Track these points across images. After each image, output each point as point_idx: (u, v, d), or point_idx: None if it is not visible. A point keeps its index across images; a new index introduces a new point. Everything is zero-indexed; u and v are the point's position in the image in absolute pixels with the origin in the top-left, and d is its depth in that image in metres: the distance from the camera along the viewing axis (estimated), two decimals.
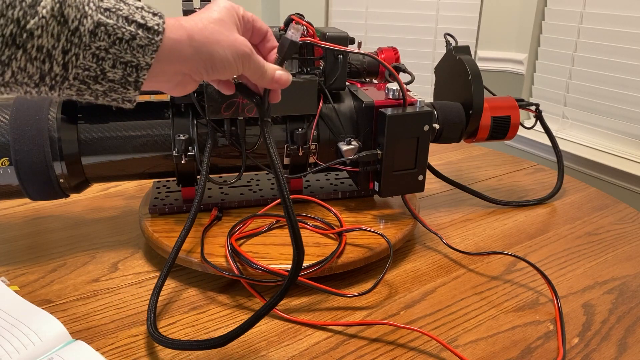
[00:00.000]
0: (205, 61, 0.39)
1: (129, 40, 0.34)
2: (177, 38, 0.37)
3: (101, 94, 0.36)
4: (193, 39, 0.38)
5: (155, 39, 0.35)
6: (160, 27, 0.36)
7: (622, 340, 0.49)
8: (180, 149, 0.58)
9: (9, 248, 0.63)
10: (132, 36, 0.34)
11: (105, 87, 0.35)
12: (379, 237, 0.59)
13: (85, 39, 0.33)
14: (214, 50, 0.39)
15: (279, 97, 0.46)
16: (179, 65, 0.38)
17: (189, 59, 0.38)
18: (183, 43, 0.37)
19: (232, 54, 0.40)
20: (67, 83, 0.34)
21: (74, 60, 0.33)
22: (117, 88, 0.36)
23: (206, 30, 0.38)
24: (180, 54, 0.37)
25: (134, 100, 0.38)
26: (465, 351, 0.47)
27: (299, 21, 0.50)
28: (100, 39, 0.33)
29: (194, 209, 0.55)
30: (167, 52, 0.37)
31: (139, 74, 0.36)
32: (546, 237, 0.68)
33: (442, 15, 1.79)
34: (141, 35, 0.35)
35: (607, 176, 1.46)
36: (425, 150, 0.62)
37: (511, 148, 1.73)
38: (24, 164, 0.54)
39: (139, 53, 0.35)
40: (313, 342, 0.48)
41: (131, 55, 0.35)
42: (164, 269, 0.52)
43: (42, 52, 0.32)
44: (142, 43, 0.35)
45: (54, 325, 0.46)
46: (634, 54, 1.39)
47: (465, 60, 0.69)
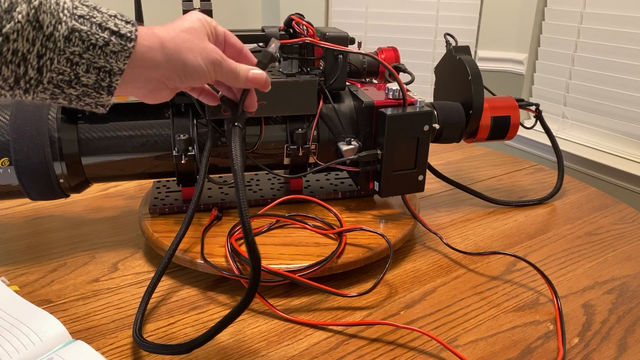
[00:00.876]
0: (177, 68, 0.40)
1: (102, 46, 0.36)
2: (149, 45, 0.38)
3: (75, 98, 0.37)
4: (165, 46, 0.39)
5: (127, 46, 0.37)
6: (132, 35, 0.37)
7: (622, 340, 0.49)
8: (180, 149, 0.58)
9: (9, 248, 0.63)
10: (106, 42, 0.36)
11: (79, 92, 0.37)
12: (379, 237, 0.59)
13: (59, 44, 0.34)
14: (185, 57, 0.40)
15: (254, 104, 0.48)
16: (151, 72, 0.39)
17: (161, 66, 0.39)
18: (155, 50, 0.38)
19: (203, 61, 0.41)
20: (41, 87, 0.35)
21: (49, 64, 0.34)
22: (90, 92, 0.37)
23: (178, 38, 0.40)
24: (152, 61, 0.39)
25: (107, 105, 0.39)
26: (465, 351, 0.47)
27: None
28: (74, 44, 0.35)
29: (191, 209, 0.55)
30: (139, 59, 0.38)
31: (112, 79, 0.37)
32: (546, 237, 0.68)
33: (442, 15, 1.79)
34: (114, 42, 0.36)
35: (607, 176, 1.46)
36: (425, 150, 0.62)
37: (511, 148, 1.73)
38: (24, 164, 0.54)
39: (112, 59, 0.36)
40: (313, 342, 0.48)
41: (104, 61, 0.36)
42: (158, 268, 0.52)
43: (17, 55, 0.33)
44: (115, 49, 0.36)
45: (54, 325, 0.46)
46: (634, 54, 1.39)
47: (465, 60, 0.69)
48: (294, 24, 0.61)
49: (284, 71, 0.62)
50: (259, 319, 0.51)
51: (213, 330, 0.41)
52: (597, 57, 1.48)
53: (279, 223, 0.63)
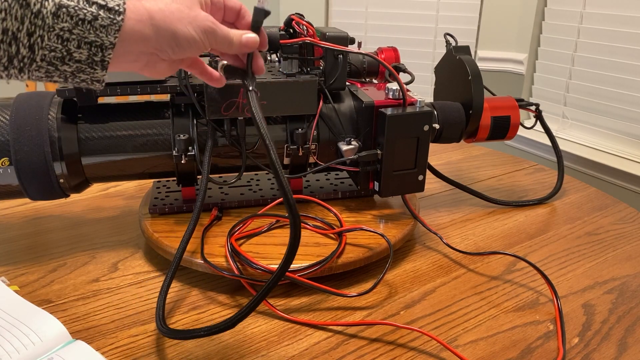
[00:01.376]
0: (168, 39, 0.40)
1: (91, 21, 0.36)
2: (138, 18, 0.38)
3: (70, 74, 0.38)
4: (153, 18, 0.39)
5: (116, 19, 0.37)
6: (120, 8, 0.37)
7: (622, 340, 0.49)
8: (180, 149, 0.58)
9: (9, 248, 0.63)
10: (94, 17, 0.36)
11: (73, 68, 0.37)
12: (379, 237, 0.59)
13: (48, 21, 0.34)
14: (176, 28, 0.40)
15: (262, 66, 0.47)
16: (142, 45, 0.39)
17: (152, 38, 0.39)
18: (144, 23, 0.39)
19: (194, 30, 0.41)
20: (35, 65, 0.36)
21: (40, 41, 0.35)
22: (84, 68, 0.37)
23: (166, 9, 0.40)
24: (142, 34, 0.39)
25: (103, 80, 0.39)
26: (465, 351, 0.47)
27: None
28: (62, 20, 0.35)
29: (197, 210, 0.55)
30: (129, 32, 0.38)
31: (104, 54, 0.37)
32: (546, 237, 0.68)
33: (442, 15, 1.79)
34: (102, 16, 0.36)
35: (607, 176, 1.46)
36: (425, 150, 0.62)
37: (511, 148, 1.73)
38: (24, 164, 0.54)
39: (102, 33, 0.37)
40: (313, 342, 0.48)
41: (95, 36, 0.36)
42: (169, 270, 0.52)
43: (7, 34, 0.34)
44: (104, 23, 0.36)
45: (54, 325, 0.46)
46: (634, 54, 1.39)
47: (465, 60, 0.69)
48: (294, 23, 0.61)
49: (284, 71, 0.62)
50: (259, 319, 0.51)
51: (255, 301, 0.43)
52: (597, 57, 1.48)
53: (279, 223, 0.63)
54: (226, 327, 0.43)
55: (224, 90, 0.57)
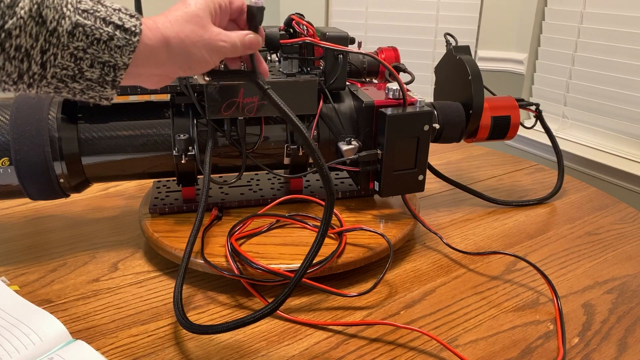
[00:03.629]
0: (181, 63, 0.40)
1: (106, 41, 0.35)
2: (154, 45, 0.38)
3: (79, 91, 0.37)
4: (169, 44, 0.39)
5: (132, 40, 0.36)
6: (137, 29, 0.37)
7: (622, 340, 0.49)
8: (180, 149, 0.58)
9: (9, 248, 0.63)
10: (110, 37, 0.36)
11: (83, 86, 0.37)
12: (379, 237, 0.59)
13: (63, 39, 0.34)
14: (190, 52, 0.40)
15: (265, 69, 0.47)
16: (155, 69, 0.39)
17: (166, 63, 0.39)
18: (160, 49, 0.38)
19: (208, 52, 0.41)
20: (45, 81, 0.35)
21: (52, 59, 0.34)
22: (94, 87, 0.37)
23: (182, 32, 0.39)
24: (157, 59, 0.39)
25: (112, 98, 0.39)
26: (465, 351, 0.47)
27: None
28: (78, 39, 0.34)
29: (201, 209, 0.55)
30: (143, 57, 0.38)
31: (116, 74, 0.37)
32: (546, 237, 0.68)
33: (442, 15, 1.79)
34: (119, 36, 0.36)
35: (607, 176, 1.46)
36: (425, 150, 0.62)
37: (511, 148, 1.73)
38: (24, 164, 0.54)
39: (117, 53, 0.36)
40: (313, 342, 0.48)
41: (109, 56, 0.36)
42: (180, 270, 0.51)
43: (20, 51, 0.33)
44: (120, 44, 0.36)
45: (54, 325, 0.46)
46: (634, 54, 1.39)
47: (465, 60, 0.69)
48: (294, 23, 0.61)
49: (284, 71, 0.62)
50: None
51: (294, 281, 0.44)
52: (597, 57, 1.48)
53: (279, 223, 0.63)
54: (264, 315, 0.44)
55: (224, 90, 0.57)
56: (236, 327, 0.44)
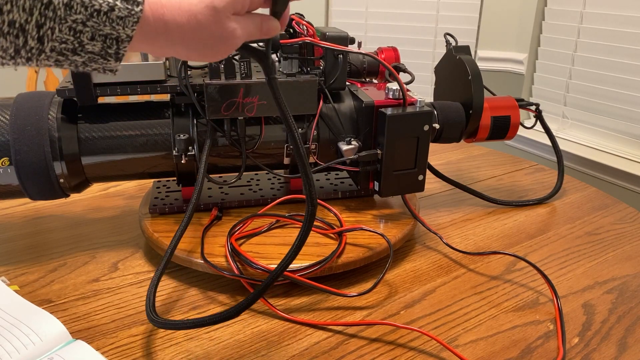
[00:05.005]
0: (192, 54, 0.38)
1: (107, 12, 0.33)
2: (152, 30, 0.35)
3: (81, 64, 0.35)
4: (170, 35, 0.36)
5: (135, 10, 0.34)
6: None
7: (622, 340, 0.49)
8: (180, 149, 0.58)
9: (9, 248, 0.63)
10: (110, 7, 0.33)
11: (85, 58, 0.35)
12: (379, 236, 0.59)
13: (60, 12, 0.32)
14: (202, 40, 0.37)
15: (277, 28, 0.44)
16: (163, 51, 0.37)
17: (174, 52, 0.37)
18: (159, 35, 0.36)
19: (224, 48, 0.39)
20: (44, 55, 0.34)
21: (50, 33, 0.33)
22: (97, 59, 0.35)
23: (187, 26, 0.36)
24: (163, 49, 0.37)
25: (116, 69, 0.37)
26: (465, 351, 0.47)
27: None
28: (76, 11, 0.33)
29: (191, 205, 0.55)
30: (147, 25, 0.35)
31: (119, 46, 0.35)
32: (546, 237, 0.68)
33: (442, 15, 1.79)
34: (120, 6, 0.34)
35: (607, 176, 1.46)
36: (425, 150, 0.62)
37: (511, 148, 1.73)
38: (24, 164, 0.54)
39: (119, 25, 0.34)
40: (313, 342, 0.48)
41: (110, 28, 0.34)
42: (160, 263, 0.51)
43: (14, 26, 0.31)
44: (122, 14, 0.34)
45: (54, 324, 0.46)
46: (634, 54, 1.39)
47: (465, 60, 0.69)
48: (294, 23, 0.61)
49: (284, 71, 0.62)
50: (259, 319, 0.51)
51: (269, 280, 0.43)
52: (597, 57, 1.49)
53: (279, 223, 0.63)
54: (225, 317, 0.43)
55: (224, 90, 0.57)
56: (201, 325, 0.44)
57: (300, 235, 0.43)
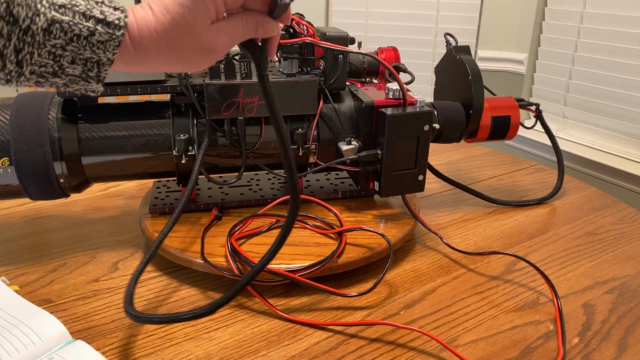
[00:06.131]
0: (177, 69, 0.38)
1: (87, 37, 0.33)
2: (142, 35, 0.35)
3: (62, 85, 0.35)
4: (160, 53, 0.36)
5: (116, 34, 0.34)
6: (121, 22, 0.34)
7: (622, 340, 0.49)
8: (180, 149, 0.58)
9: (9, 248, 0.63)
10: (91, 32, 0.33)
11: (65, 80, 0.35)
12: (379, 237, 0.59)
13: (38, 38, 0.32)
14: (183, 58, 0.37)
15: (273, 52, 0.43)
16: (146, 70, 0.37)
17: (157, 67, 0.37)
18: (150, 53, 0.35)
19: (208, 60, 0.38)
20: (23, 77, 0.33)
21: (29, 58, 0.32)
22: (78, 81, 0.35)
23: (173, 31, 0.35)
24: (146, 68, 0.36)
25: (98, 91, 0.37)
26: (465, 351, 0.47)
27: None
28: (55, 36, 0.32)
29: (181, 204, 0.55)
30: (129, 49, 0.35)
31: (100, 69, 0.35)
32: (546, 237, 0.68)
33: (442, 15, 1.79)
34: (100, 31, 0.33)
35: (607, 176, 1.46)
36: (426, 150, 0.62)
37: (511, 148, 1.73)
38: (24, 164, 0.54)
39: (99, 49, 0.34)
40: (313, 342, 0.48)
41: (91, 52, 0.34)
42: (146, 254, 0.51)
43: None
44: (102, 39, 0.34)
45: (54, 324, 0.46)
46: (634, 54, 1.39)
47: (465, 60, 0.69)
48: (294, 23, 0.61)
49: (284, 71, 0.62)
50: (259, 319, 0.51)
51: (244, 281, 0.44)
52: (597, 57, 1.48)
53: (279, 223, 0.63)
54: (204, 313, 0.44)
55: (224, 90, 0.57)
56: (171, 321, 0.45)
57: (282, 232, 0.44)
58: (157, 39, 0.36)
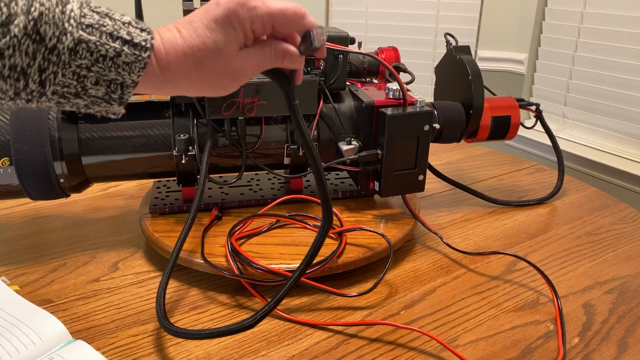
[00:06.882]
0: (201, 93, 0.38)
1: (113, 58, 0.33)
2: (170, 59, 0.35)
3: (82, 106, 0.34)
4: (188, 76, 0.36)
5: (142, 56, 0.33)
6: (148, 43, 0.34)
7: (622, 340, 0.49)
8: (180, 149, 0.58)
9: (9, 248, 0.63)
10: (117, 53, 0.33)
11: (87, 102, 0.34)
12: (379, 237, 0.59)
13: (64, 57, 0.31)
14: (211, 82, 0.37)
15: (299, 80, 0.43)
16: (170, 93, 0.37)
17: (183, 90, 0.37)
18: (177, 76, 0.35)
19: (234, 84, 0.38)
20: (44, 97, 0.33)
21: (52, 78, 0.32)
22: (99, 102, 0.34)
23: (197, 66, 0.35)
24: (170, 92, 0.36)
25: (119, 113, 0.36)
26: (465, 351, 0.47)
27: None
28: (81, 56, 0.32)
29: (194, 207, 0.55)
30: (157, 82, 0.35)
31: (123, 91, 0.34)
32: (546, 237, 0.68)
33: (443, 15, 1.79)
34: (127, 52, 0.33)
35: (607, 176, 1.46)
36: (426, 150, 0.62)
37: (511, 148, 1.73)
38: (24, 164, 0.54)
39: (125, 71, 0.33)
40: (313, 342, 0.48)
41: (116, 73, 0.33)
42: (166, 268, 0.52)
43: (15, 70, 0.30)
44: (128, 60, 0.33)
45: (54, 324, 0.46)
46: (634, 54, 1.39)
47: (465, 60, 0.69)
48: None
49: None
50: None
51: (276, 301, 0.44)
52: (597, 57, 1.48)
53: (279, 223, 0.63)
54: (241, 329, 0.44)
55: None
56: (217, 335, 0.44)
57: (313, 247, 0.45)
58: (185, 62, 0.35)
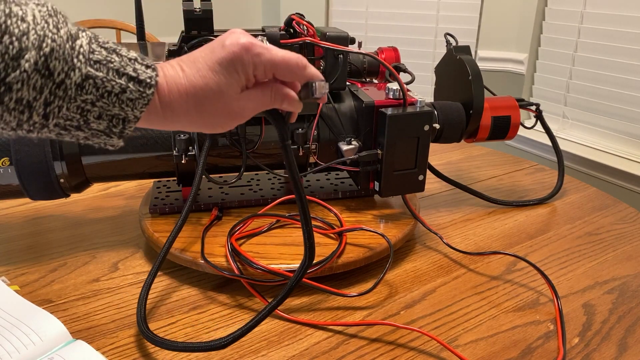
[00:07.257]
0: (200, 130, 0.39)
1: (118, 94, 0.33)
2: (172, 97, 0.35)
3: (82, 138, 0.35)
4: (187, 114, 0.36)
5: (146, 92, 0.34)
6: (152, 80, 0.34)
7: (622, 340, 0.49)
8: (180, 149, 0.58)
9: (9, 248, 0.63)
10: (122, 89, 0.33)
11: (88, 134, 0.34)
12: (379, 237, 0.59)
13: (70, 92, 0.31)
14: (210, 121, 0.38)
15: (294, 119, 0.44)
16: (170, 128, 0.38)
17: (181, 126, 0.37)
18: (177, 114, 0.36)
19: (233, 123, 0.39)
20: (46, 129, 0.33)
21: (56, 111, 0.32)
22: (100, 135, 0.35)
23: (199, 106, 0.36)
24: (170, 127, 0.37)
25: (118, 146, 0.36)
26: (465, 351, 0.47)
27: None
28: (87, 92, 0.32)
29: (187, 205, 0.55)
30: (158, 118, 0.35)
31: (124, 126, 0.34)
32: (546, 237, 0.68)
33: (443, 15, 1.79)
34: (132, 89, 0.33)
35: (607, 176, 1.46)
36: (426, 150, 0.62)
37: (511, 148, 1.73)
38: (24, 164, 0.54)
39: (128, 107, 0.34)
40: (313, 342, 0.48)
41: (119, 109, 0.33)
42: (154, 264, 0.52)
43: (21, 103, 0.30)
44: (132, 97, 0.33)
45: (54, 324, 0.46)
46: (634, 54, 1.39)
47: (465, 60, 0.69)
48: (294, 23, 0.61)
49: None
50: None
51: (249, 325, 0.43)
52: (597, 57, 1.48)
53: (279, 223, 0.63)
54: (220, 346, 0.42)
55: None
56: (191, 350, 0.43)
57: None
58: (186, 101, 0.36)
